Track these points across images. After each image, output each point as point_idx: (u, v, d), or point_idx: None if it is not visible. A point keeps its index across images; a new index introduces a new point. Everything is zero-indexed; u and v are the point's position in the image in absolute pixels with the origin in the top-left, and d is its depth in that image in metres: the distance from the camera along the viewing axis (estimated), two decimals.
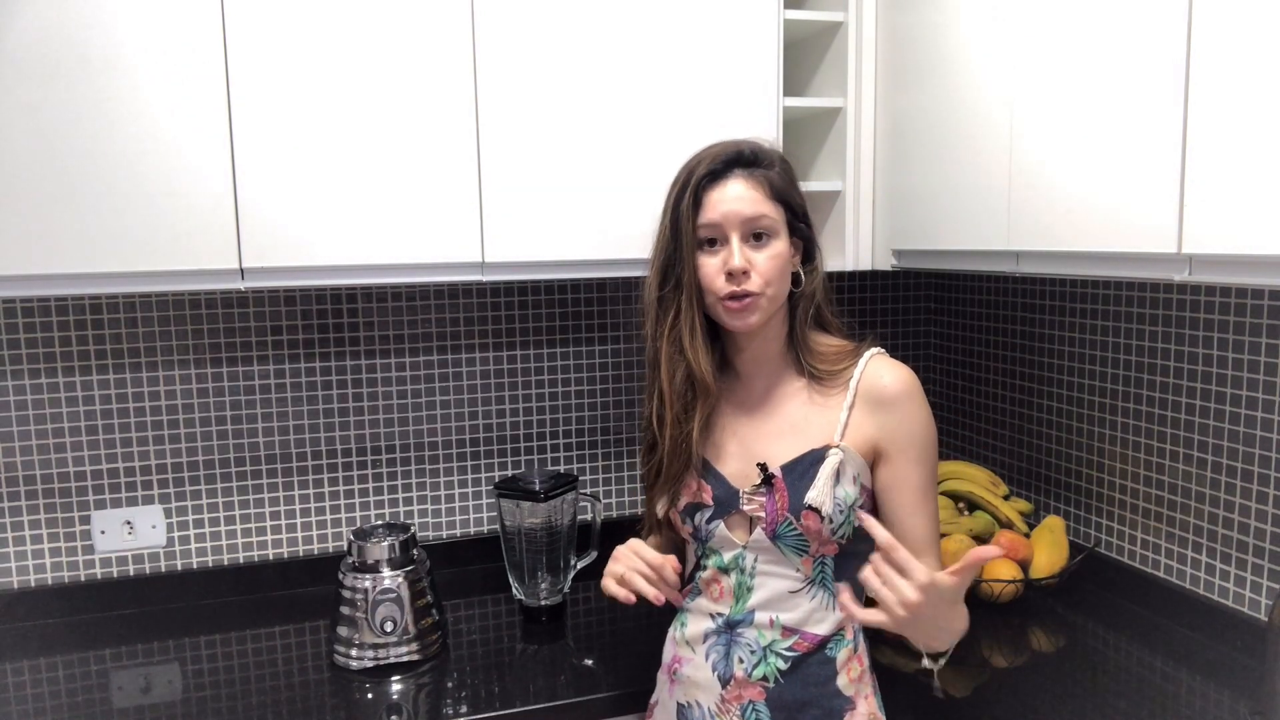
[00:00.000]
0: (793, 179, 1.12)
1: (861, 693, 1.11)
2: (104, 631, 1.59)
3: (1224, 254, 0.99)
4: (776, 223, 1.07)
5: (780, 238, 1.07)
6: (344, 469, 1.79)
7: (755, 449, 1.11)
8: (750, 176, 1.07)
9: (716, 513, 1.11)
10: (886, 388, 1.07)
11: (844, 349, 1.13)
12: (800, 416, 1.10)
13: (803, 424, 1.10)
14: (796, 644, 1.09)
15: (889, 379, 1.08)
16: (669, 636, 1.22)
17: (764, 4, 1.54)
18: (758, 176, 1.07)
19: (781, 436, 1.10)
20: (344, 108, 1.38)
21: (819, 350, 1.13)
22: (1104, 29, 1.12)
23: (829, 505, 1.04)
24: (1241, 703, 1.25)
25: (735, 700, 1.10)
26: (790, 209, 1.10)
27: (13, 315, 1.60)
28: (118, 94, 1.28)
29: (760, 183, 1.07)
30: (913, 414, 1.07)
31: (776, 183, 1.08)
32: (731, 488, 1.11)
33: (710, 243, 1.08)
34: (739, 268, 1.04)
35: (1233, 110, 0.96)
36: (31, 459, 1.63)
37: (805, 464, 1.07)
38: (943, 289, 2.08)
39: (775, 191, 1.07)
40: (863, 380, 1.09)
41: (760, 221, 1.06)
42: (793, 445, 1.09)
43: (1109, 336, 1.61)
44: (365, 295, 1.77)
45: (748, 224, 1.06)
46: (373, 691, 1.36)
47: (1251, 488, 1.36)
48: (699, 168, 1.08)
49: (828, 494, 1.04)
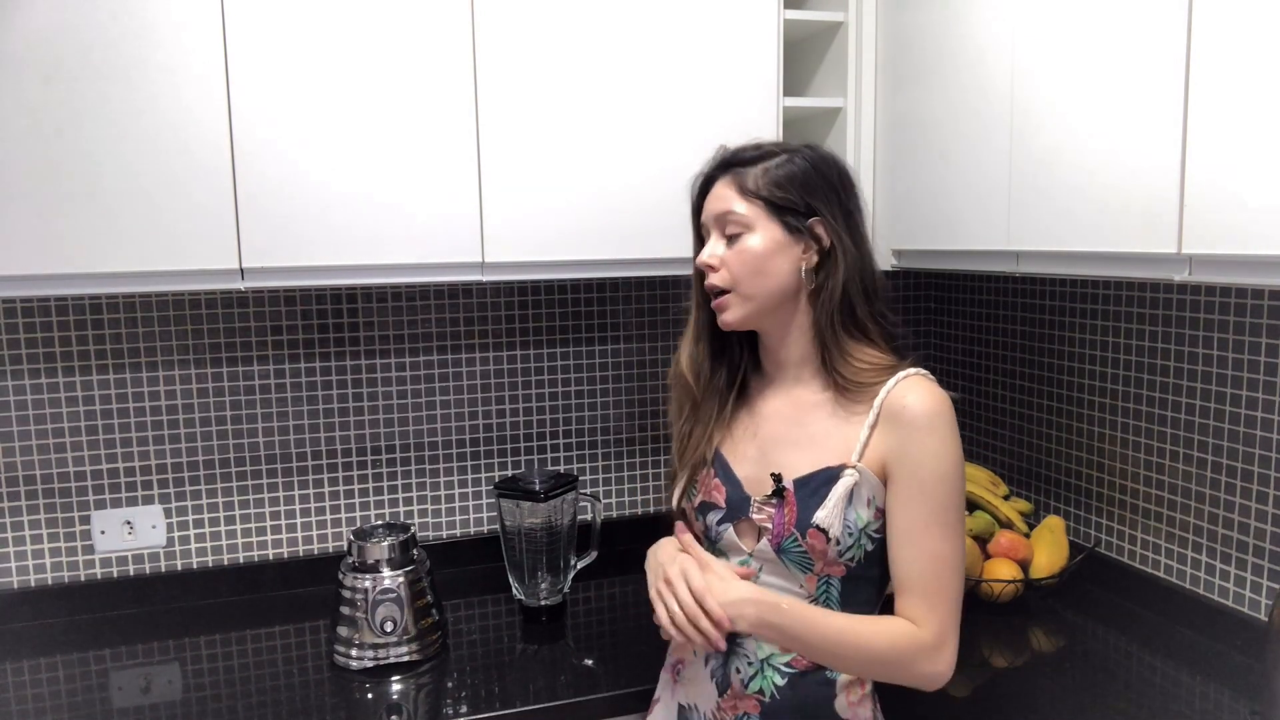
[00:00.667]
0: (788, 175, 1.06)
1: (861, 716, 1.08)
2: (104, 631, 1.59)
3: (1224, 254, 0.99)
4: (747, 219, 1.05)
5: (755, 234, 1.05)
6: (344, 469, 1.79)
7: (772, 456, 1.09)
8: (725, 176, 1.09)
9: (727, 515, 1.11)
10: (905, 409, 1.01)
11: (881, 363, 1.06)
12: (821, 430, 1.07)
13: (822, 438, 1.06)
14: (795, 660, 1.06)
15: (911, 400, 1.01)
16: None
17: (764, 4, 1.54)
18: (731, 175, 1.08)
19: (799, 447, 1.07)
20: (344, 108, 1.38)
21: (852, 361, 1.06)
22: (1104, 28, 1.12)
23: (837, 528, 1.02)
24: (1241, 703, 1.25)
25: (731, 710, 1.09)
26: (774, 205, 1.05)
27: (13, 315, 1.60)
28: (118, 94, 1.28)
29: (731, 182, 1.08)
30: (926, 443, 1.00)
31: (748, 181, 1.06)
32: (744, 492, 1.10)
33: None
34: (702, 261, 1.09)
35: (1233, 110, 0.96)
36: (31, 459, 1.63)
37: (819, 481, 1.04)
38: (943, 289, 2.08)
39: (747, 189, 1.06)
40: (888, 399, 1.02)
41: (728, 218, 1.06)
42: (810, 458, 1.06)
43: (1109, 336, 1.61)
44: (365, 295, 1.77)
45: (720, 221, 1.08)
46: (373, 691, 1.36)
47: (1251, 488, 1.36)
48: (703, 171, 1.13)
49: (837, 516, 1.02)
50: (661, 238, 1.53)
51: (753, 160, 1.08)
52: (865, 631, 1.02)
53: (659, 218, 1.52)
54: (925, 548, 1.01)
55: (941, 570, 1.01)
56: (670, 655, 1.21)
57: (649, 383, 1.95)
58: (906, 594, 1.02)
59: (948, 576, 1.01)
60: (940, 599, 1.01)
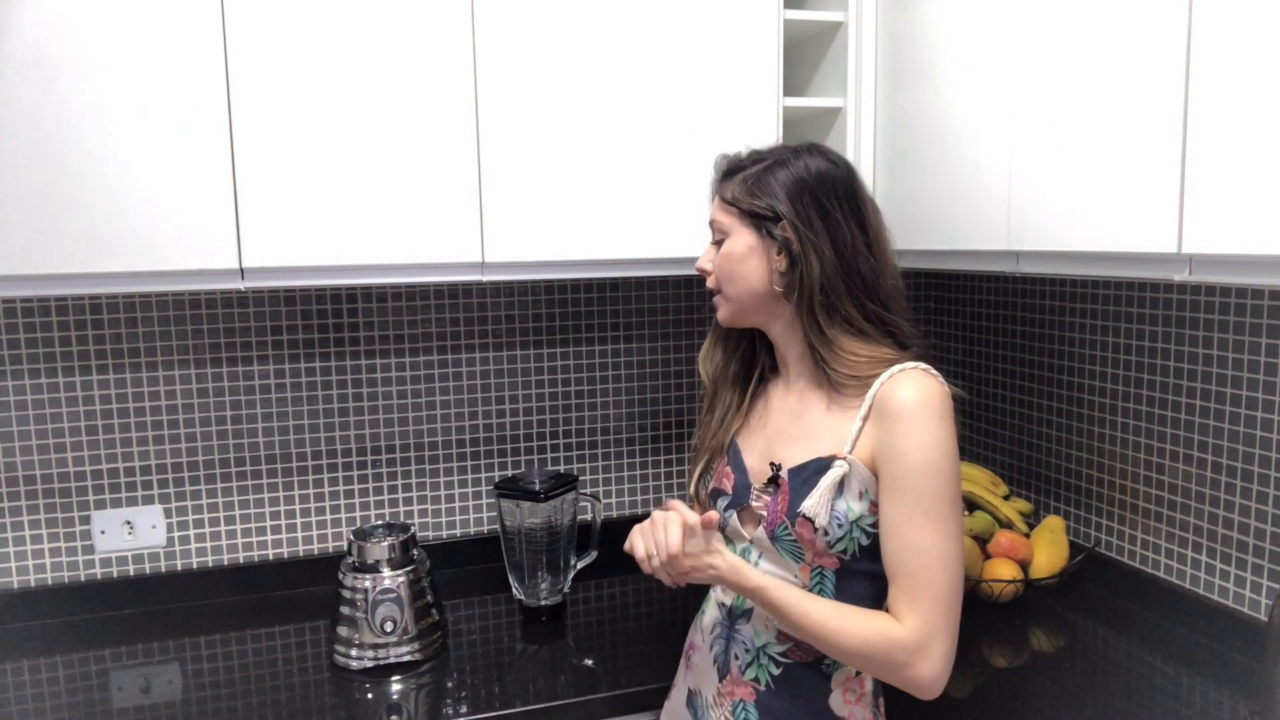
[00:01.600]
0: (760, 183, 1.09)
1: (858, 715, 1.09)
2: (104, 631, 1.59)
3: (1224, 254, 0.99)
4: (726, 226, 1.13)
5: (733, 239, 1.12)
6: (344, 469, 1.79)
7: (775, 448, 1.12)
8: (719, 184, 1.16)
9: (732, 502, 1.14)
10: (892, 400, 1.01)
11: (876, 357, 1.06)
12: (818, 423, 1.09)
13: (819, 431, 1.08)
14: (790, 651, 1.08)
15: (899, 392, 1.01)
16: (693, 622, 1.25)
17: (764, 4, 1.54)
18: (721, 184, 1.16)
19: (797, 440, 1.10)
20: (344, 108, 1.38)
21: (844, 356, 1.07)
22: (1104, 29, 1.12)
23: (824, 517, 1.02)
24: (1241, 703, 1.25)
25: (729, 695, 1.12)
26: (749, 213, 1.10)
27: (13, 315, 1.60)
28: (118, 94, 1.28)
29: (719, 190, 1.16)
30: (909, 434, 0.99)
31: (727, 191, 1.14)
32: (748, 480, 1.13)
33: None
34: (697, 265, 1.18)
35: (1232, 110, 0.96)
36: (31, 459, 1.63)
37: (810, 471, 1.06)
38: (943, 289, 2.08)
39: (725, 197, 1.14)
40: (880, 391, 1.03)
41: (713, 225, 1.15)
42: (805, 450, 1.08)
43: (1109, 336, 1.61)
44: (365, 295, 1.77)
45: (710, 228, 1.17)
46: (373, 691, 1.36)
47: (1251, 488, 1.36)
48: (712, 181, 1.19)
49: (824, 505, 1.03)
50: (662, 237, 1.53)
51: (737, 169, 1.14)
52: (844, 620, 1.00)
53: (659, 217, 1.52)
54: (908, 540, 0.99)
55: (927, 564, 0.98)
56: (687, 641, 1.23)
57: (649, 383, 1.95)
58: (892, 588, 1.01)
59: (934, 571, 0.98)
60: (924, 596, 0.97)
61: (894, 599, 1.00)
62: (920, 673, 0.97)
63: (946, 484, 0.99)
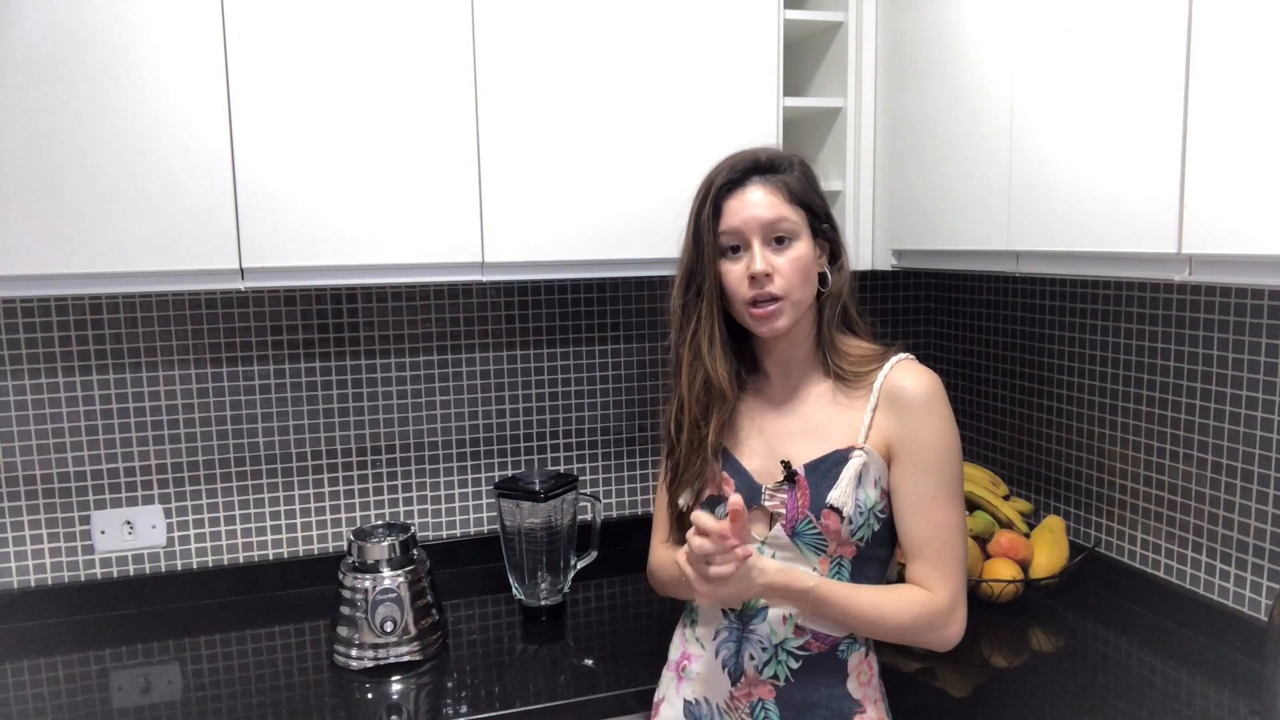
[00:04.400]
0: (813, 182, 1.14)
1: (871, 697, 1.12)
2: (104, 631, 1.59)
3: (1224, 254, 0.99)
4: (797, 225, 1.09)
5: (802, 240, 1.09)
6: (344, 469, 1.79)
7: (779, 447, 1.13)
8: (768, 182, 1.09)
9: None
10: (905, 390, 1.08)
11: (871, 352, 1.14)
12: (824, 417, 1.12)
13: (826, 425, 1.11)
14: (809, 643, 1.10)
15: (909, 381, 1.08)
16: (677, 632, 1.23)
17: (764, 4, 1.54)
18: (775, 181, 1.10)
19: (805, 436, 1.12)
20: (344, 108, 1.38)
21: (846, 352, 1.14)
22: (1104, 29, 1.12)
23: (850, 506, 1.06)
24: (1241, 703, 1.25)
25: (745, 698, 1.12)
26: (811, 211, 1.11)
27: (13, 315, 1.60)
28: (117, 94, 1.28)
29: (779, 187, 1.09)
30: (926, 420, 1.07)
31: (795, 186, 1.10)
32: (754, 483, 1.12)
33: (734, 250, 1.10)
34: (761, 270, 1.06)
35: (1233, 110, 0.96)
36: (31, 459, 1.63)
37: (829, 464, 1.08)
38: (943, 289, 2.08)
39: (794, 195, 1.09)
40: (886, 383, 1.09)
41: (780, 225, 1.08)
42: (816, 445, 1.10)
43: (1109, 336, 1.61)
44: (365, 295, 1.77)
45: (768, 228, 1.08)
46: (373, 691, 1.36)
47: (1251, 488, 1.36)
48: (718, 177, 1.11)
49: (850, 495, 1.07)
50: (661, 238, 1.52)
51: (787, 167, 1.11)
52: (889, 599, 1.07)
53: (659, 217, 1.52)
54: (934, 518, 1.07)
55: (950, 538, 1.07)
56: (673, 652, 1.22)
57: (649, 383, 1.95)
58: (918, 562, 1.08)
59: (955, 543, 1.08)
60: (950, 565, 1.07)
61: (919, 571, 1.08)
62: (952, 632, 1.08)
63: (959, 464, 1.10)
